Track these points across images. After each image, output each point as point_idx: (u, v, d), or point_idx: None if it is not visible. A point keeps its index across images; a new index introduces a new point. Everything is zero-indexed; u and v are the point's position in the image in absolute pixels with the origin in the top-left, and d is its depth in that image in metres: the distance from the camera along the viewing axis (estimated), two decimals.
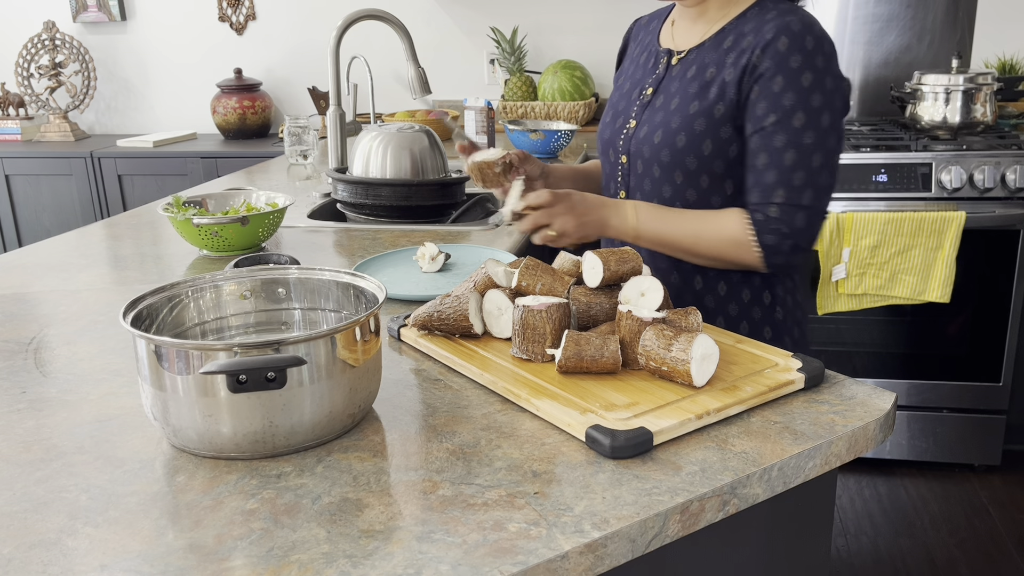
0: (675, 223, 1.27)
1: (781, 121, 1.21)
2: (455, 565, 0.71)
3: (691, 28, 1.35)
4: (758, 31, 1.24)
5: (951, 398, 2.66)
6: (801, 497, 0.96)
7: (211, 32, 3.62)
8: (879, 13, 3.02)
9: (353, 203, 1.92)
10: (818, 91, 1.20)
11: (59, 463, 0.89)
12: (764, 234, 1.22)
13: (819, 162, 1.21)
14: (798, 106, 1.20)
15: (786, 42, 1.20)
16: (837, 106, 1.22)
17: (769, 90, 1.21)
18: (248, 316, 1.07)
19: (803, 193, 1.21)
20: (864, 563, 2.32)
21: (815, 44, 1.20)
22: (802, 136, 1.20)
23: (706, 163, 1.28)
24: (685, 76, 1.32)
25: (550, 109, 3.05)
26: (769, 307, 1.35)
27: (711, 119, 1.26)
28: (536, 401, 0.95)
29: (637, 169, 1.36)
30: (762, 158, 1.23)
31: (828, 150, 1.22)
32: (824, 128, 1.21)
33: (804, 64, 1.20)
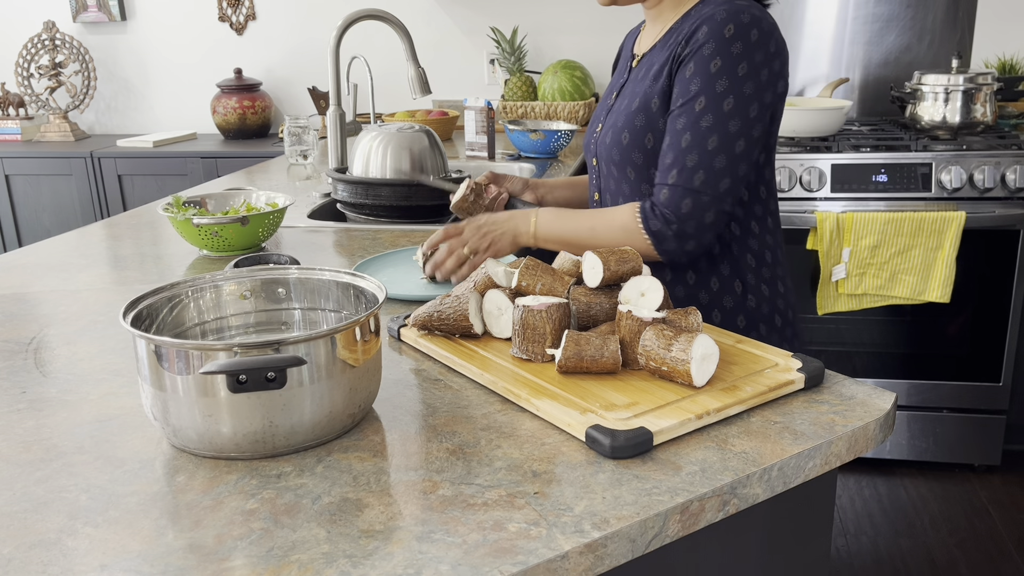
0: (571, 222, 1.32)
1: (684, 104, 1.23)
2: (455, 565, 0.71)
3: (650, 31, 1.40)
4: (692, 25, 1.27)
5: (951, 398, 2.66)
6: (801, 497, 0.96)
7: (211, 32, 3.62)
8: (879, 13, 3.02)
9: (353, 203, 1.92)
10: (725, 76, 1.20)
11: (59, 463, 0.89)
12: (650, 220, 1.24)
13: (714, 145, 1.21)
14: (703, 91, 1.21)
15: (705, 30, 1.22)
16: (746, 92, 1.21)
17: (682, 76, 1.24)
18: (248, 316, 1.07)
19: (694, 175, 1.21)
20: (864, 563, 2.32)
21: (735, 32, 1.20)
22: (700, 119, 1.21)
23: (651, 156, 1.30)
24: (638, 78, 1.36)
25: (550, 109, 3.05)
26: (741, 295, 1.36)
27: (648, 113, 1.29)
28: (536, 401, 0.95)
29: (603, 171, 1.42)
30: (665, 140, 1.26)
31: (728, 134, 1.21)
32: (725, 112, 1.20)
33: (716, 50, 1.21)
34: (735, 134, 1.21)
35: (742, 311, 1.37)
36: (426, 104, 3.49)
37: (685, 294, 1.36)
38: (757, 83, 1.22)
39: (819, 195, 2.55)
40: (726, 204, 1.24)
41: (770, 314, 1.38)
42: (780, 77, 1.26)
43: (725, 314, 1.35)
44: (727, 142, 1.21)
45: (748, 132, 1.23)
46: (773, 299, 1.38)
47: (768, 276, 1.38)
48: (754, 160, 1.27)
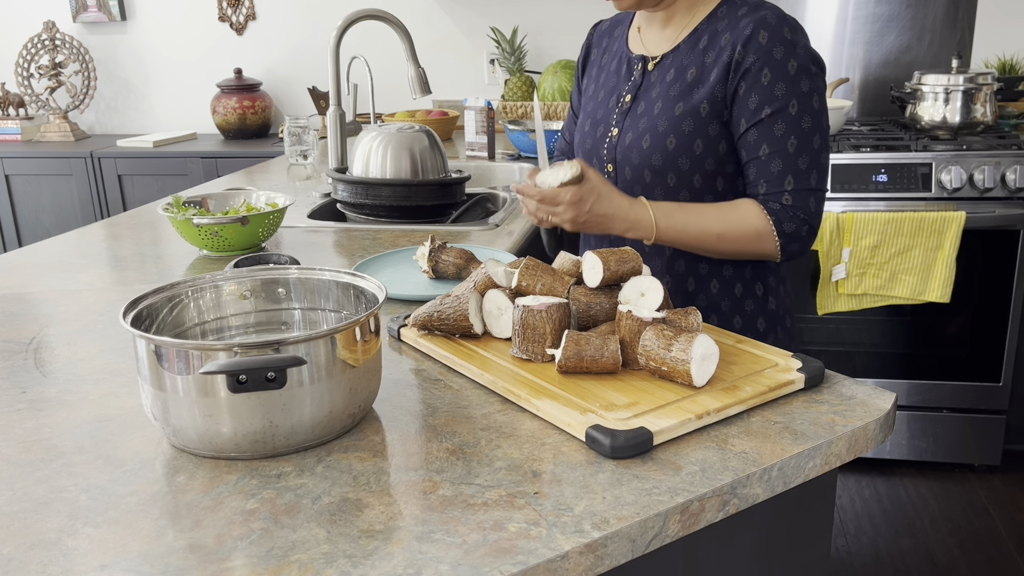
0: (695, 222, 1.27)
1: (778, 111, 1.24)
2: (455, 565, 0.71)
3: (661, 33, 1.37)
4: (734, 28, 1.27)
5: (951, 398, 2.66)
6: (801, 497, 0.96)
7: (211, 32, 3.62)
8: (879, 13, 3.02)
9: (353, 203, 1.92)
10: (805, 76, 1.24)
11: (59, 463, 0.89)
12: (784, 222, 1.25)
13: (819, 143, 1.26)
14: (791, 94, 1.24)
15: (766, 35, 1.24)
16: (822, 87, 1.27)
17: (758, 83, 1.24)
18: (248, 316, 1.07)
19: (810, 176, 1.25)
20: (864, 563, 2.32)
21: (792, 33, 1.25)
22: (800, 122, 1.24)
23: (698, 162, 1.30)
24: (665, 80, 1.34)
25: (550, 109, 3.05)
26: (762, 298, 1.36)
27: (698, 118, 1.28)
28: (536, 401, 0.95)
29: (625, 176, 1.37)
30: (764, 149, 1.26)
31: (823, 129, 1.27)
32: (817, 110, 1.25)
33: (787, 53, 1.24)
34: (827, 128, 1.28)
35: (762, 313, 1.36)
36: (426, 104, 3.49)
37: (708, 303, 1.35)
38: (820, 74, 1.27)
39: None
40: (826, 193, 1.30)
41: (784, 315, 1.39)
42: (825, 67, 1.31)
43: (746, 319, 1.35)
44: (826, 138, 1.27)
45: (828, 124, 1.29)
46: (785, 299, 1.40)
47: (782, 274, 1.40)
48: None
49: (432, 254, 1.44)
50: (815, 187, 1.26)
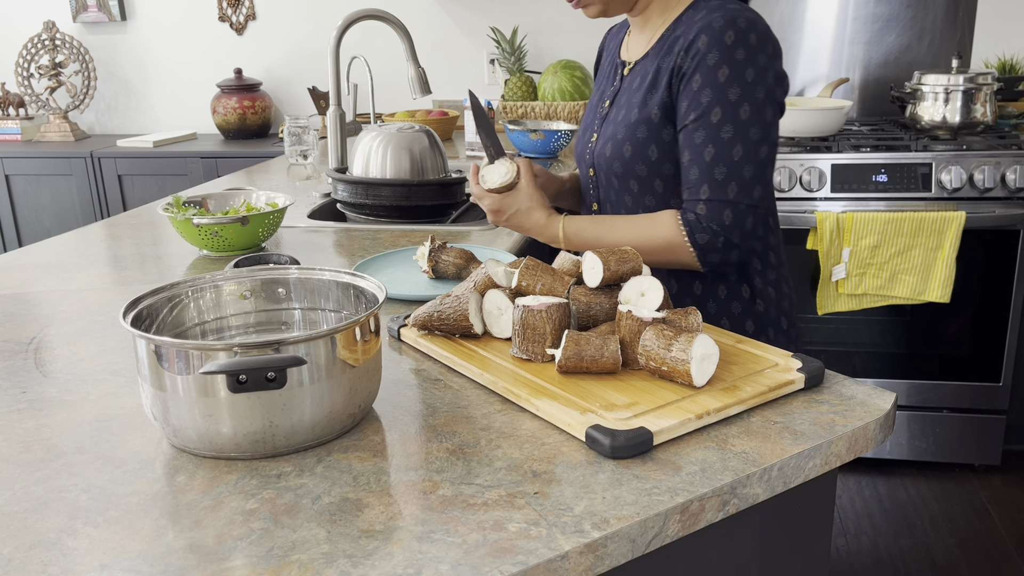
0: (607, 237, 1.29)
1: (700, 118, 1.21)
2: (455, 565, 0.71)
3: (638, 38, 1.38)
4: (687, 33, 1.25)
5: (951, 398, 2.66)
6: (801, 497, 0.96)
7: (211, 32, 3.62)
8: (879, 13, 3.02)
9: (353, 203, 1.92)
10: (736, 84, 1.20)
11: (59, 463, 0.89)
12: (697, 234, 1.23)
13: (740, 155, 1.20)
14: (715, 101, 1.20)
15: (705, 40, 1.21)
16: (759, 97, 1.21)
17: (689, 89, 1.22)
18: (248, 316, 1.07)
19: (727, 187, 1.21)
20: (864, 563, 2.32)
21: (736, 38, 1.20)
22: (719, 130, 1.20)
23: (656, 168, 1.29)
24: (632, 87, 1.34)
25: (550, 109, 3.05)
26: (748, 300, 1.35)
27: (651, 124, 1.28)
28: (536, 401, 0.95)
29: (602, 182, 1.40)
30: (686, 156, 1.24)
31: (751, 142, 1.21)
32: (743, 120, 1.20)
33: (721, 59, 1.20)
34: (757, 141, 1.21)
35: (750, 316, 1.36)
36: (426, 104, 3.49)
37: (693, 304, 1.35)
38: (766, 86, 1.22)
39: (819, 195, 2.55)
40: (761, 209, 1.24)
41: (777, 317, 1.38)
42: (784, 76, 1.26)
43: (734, 320, 1.34)
44: (751, 149, 1.21)
45: (768, 136, 1.23)
46: (779, 301, 1.38)
47: (773, 278, 1.38)
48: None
49: (432, 254, 1.44)
50: (732, 199, 1.21)
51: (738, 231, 1.22)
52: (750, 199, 1.22)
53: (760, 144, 1.22)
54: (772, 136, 1.24)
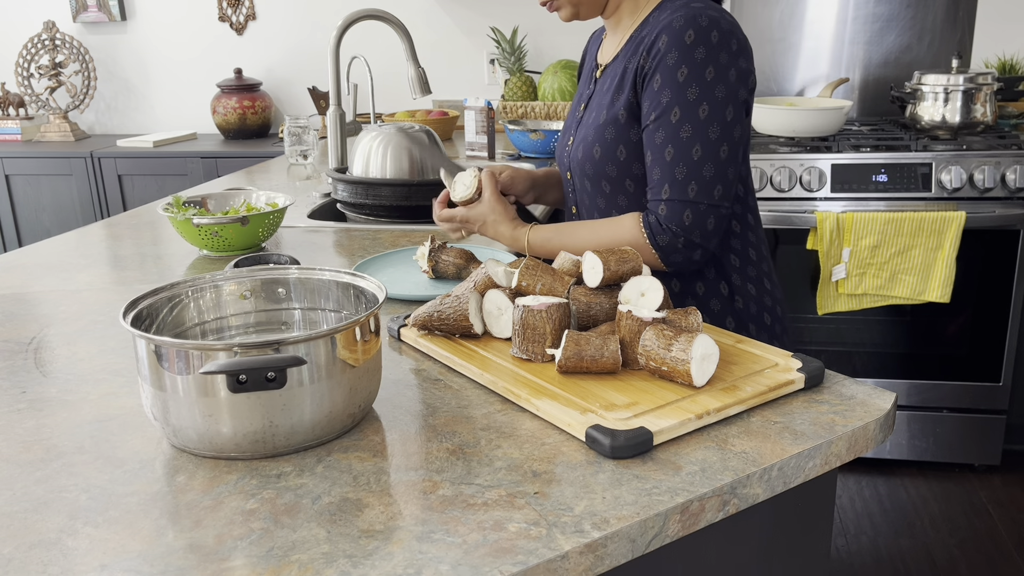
0: (570, 244, 1.31)
1: (660, 118, 1.22)
2: (455, 565, 0.71)
3: (611, 40, 1.38)
4: (651, 33, 1.25)
5: (951, 398, 2.66)
6: (801, 497, 0.96)
7: (211, 32, 3.62)
8: (879, 13, 3.02)
9: (353, 203, 1.92)
10: (695, 84, 1.19)
11: (59, 463, 0.89)
12: (657, 235, 1.23)
13: (699, 155, 1.20)
14: (674, 101, 1.20)
15: (666, 39, 1.20)
16: (719, 96, 1.20)
17: (650, 89, 1.22)
18: (248, 316, 1.07)
19: (687, 187, 1.21)
20: (864, 563, 2.32)
21: (696, 36, 1.19)
22: (679, 130, 1.20)
23: (625, 168, 1.30)
24: (603, 89, 1.35)
25: (550, 109, 3.05)
26: (727, 297, 1.35)
27: (618, 125, 1.28)
28: (536, 401, 0.95)
29: (577, 184, 1.41)
30: (648, 156, 1.24)
31: (710, 141, 1.20)
32: (702, 120, 1.20)
33: (680, 58, 1.19)
34: (717, 140, 1.21)
35: (730, 313, 1.36)
36: (426, 104, 3.49)
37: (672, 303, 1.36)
38: (727, 84, 1.21)
39: (819, 195, 2.55)
40: (724, 208, 1.24)
41: (759, 313, 1.38)
42: (749, 73, 1.25)
43: (713, 317, 1.35)
44: (711, 149, 1.21)
45: (729, 135, 1.22)
46: (760, 297, 1.38)
47: (754, 274, 1.38)
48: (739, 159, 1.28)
49: (432, 254, 1.44)
50: (692, 199, 1.20)
51: (698, 231, 1.22)
52: (710, 199, 1.22)
53: (720, 143, 1.21)
54: (732, 134, 1.23)
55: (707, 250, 1.25)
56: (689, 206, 1.21)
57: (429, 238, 1.47)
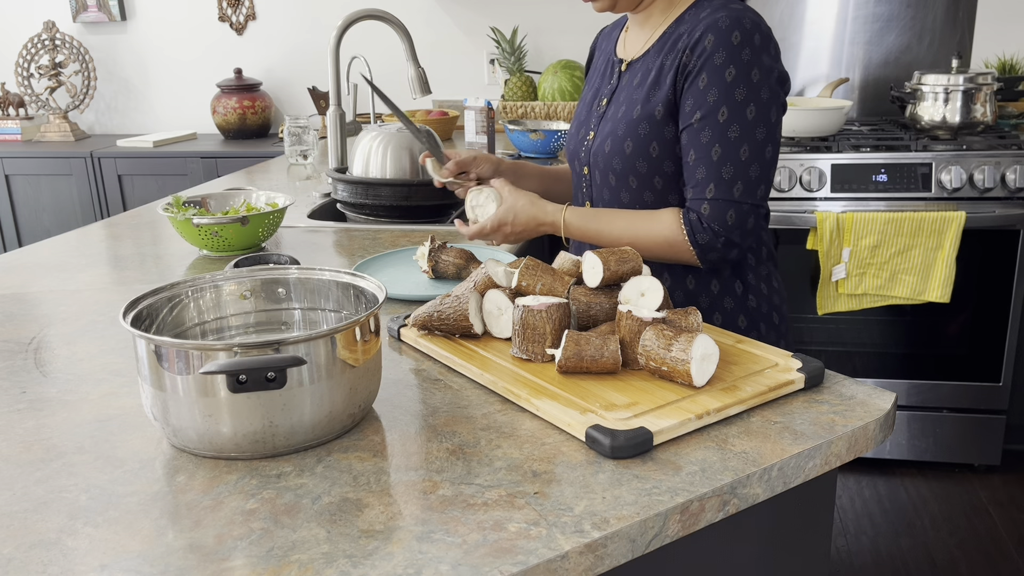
0: (607, 230, 1.29)
1: (706, 117, 1.22)
2: (455, 565, 0.71)
3: (637, 35, 1.38)
4: (691, 31, 1.25)
5: (951, 398, 2.66)
6: (801, 497, 0.96)
7: (211, 32, 3.62)
8: (879, 13, 3.02)
9: (353, 203, 1.92)
10: (742, 85, 1.21)
11: (59, 463, 0.89)
12: (698, 233, 1.23)
13: (747, 155, 1.21)
14: (721, 101, 1.21)
15: (712, 39, 1.21)
16: (764, 98, 1.22)
17: (695, 87, 1.23)
18: (248, 316, 1.07)
19: (733, 187, 1.22)
20: (864, 563, 2.32)
21: (742, 38, 1.20)
22: (727, 130, 1.21)
23: (656, 165, 1.30)
24: (632, 84, 1.35)
25: (550, 109, 3.05)
26: (741, 296, 1.36)
27: (653, 122, 1.28)
28: (536, 401, 0.95)
29: (596, 179, 1.40)
30: (691, 155, 1.24)
31: (756, 142, 1.22)
32: (750, 121, 1.21)
33: (728, 59, 1.20)
34: (763, 141, 1.22)
35: (743, 311, 1.36)
36: (426, 104, 3.50)
37: (685, 299, 1.35)
38: (770, 87, 1.23)
39: (819, 195, 2.55)
40: (764, 208, 1.26)
41: (769, 312, 1.38)
42: (786, 77, 1.27)
43: (726, 315, 1.35)
44: (757, 150, 1.22)
45: (773, 136, 1.24)
46: (770, 296, 1.38)
47: (765, 273, 1.38)
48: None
49: (432, 254, 1.44)
50: (736, 199, 1.22)
51: (739, 231, 1.23)
52: (754, 199, 1.23)
53: (765, 144, 1.23)
54: (776, 136, 1.25)
55: (743, 249, 1.26)
56: (733, 206, 1.22)
57: (429, 238, 1.47)
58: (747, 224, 1.23)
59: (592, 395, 0.96)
